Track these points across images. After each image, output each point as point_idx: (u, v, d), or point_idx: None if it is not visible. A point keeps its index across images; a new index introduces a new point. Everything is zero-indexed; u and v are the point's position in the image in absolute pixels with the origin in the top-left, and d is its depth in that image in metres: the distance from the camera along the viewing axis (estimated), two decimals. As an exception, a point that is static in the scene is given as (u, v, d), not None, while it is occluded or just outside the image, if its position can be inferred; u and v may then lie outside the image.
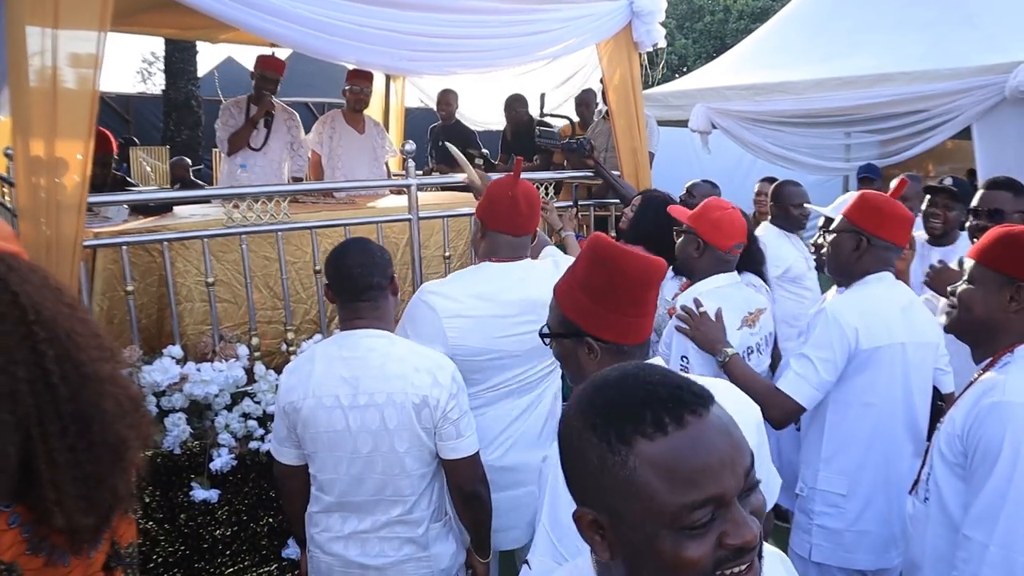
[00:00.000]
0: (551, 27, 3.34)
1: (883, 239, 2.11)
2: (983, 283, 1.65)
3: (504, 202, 2.15)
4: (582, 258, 1.48)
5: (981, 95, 4.70)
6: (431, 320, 2.05)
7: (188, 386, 2.51)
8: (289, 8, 2.65)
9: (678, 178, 5.16)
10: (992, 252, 1.65)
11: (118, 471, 1.17)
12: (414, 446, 1.83)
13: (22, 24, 2.19)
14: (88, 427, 1.12)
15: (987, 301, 1.64)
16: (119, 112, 12.84)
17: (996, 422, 1.50)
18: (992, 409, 1.52)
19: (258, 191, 2.95)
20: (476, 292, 2.09)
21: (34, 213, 2.27)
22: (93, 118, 2.33)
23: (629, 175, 3.79)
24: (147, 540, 2.50)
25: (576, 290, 1.44)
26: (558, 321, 1.47)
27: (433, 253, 3.41)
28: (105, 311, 2.79)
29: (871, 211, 2.12)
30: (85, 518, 1.12)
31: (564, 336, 1.45)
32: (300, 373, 1.89)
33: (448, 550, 1.94)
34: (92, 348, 1.15)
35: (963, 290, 1.70)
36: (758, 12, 17.29)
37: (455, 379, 1.87)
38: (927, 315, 2.19)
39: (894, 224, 2.11)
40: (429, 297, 2.09)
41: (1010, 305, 1.61)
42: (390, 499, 1.86)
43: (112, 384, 1.17)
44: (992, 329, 1.65)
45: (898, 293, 2.17)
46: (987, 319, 1.65)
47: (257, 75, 4.40)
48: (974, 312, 1.66)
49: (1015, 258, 1.61)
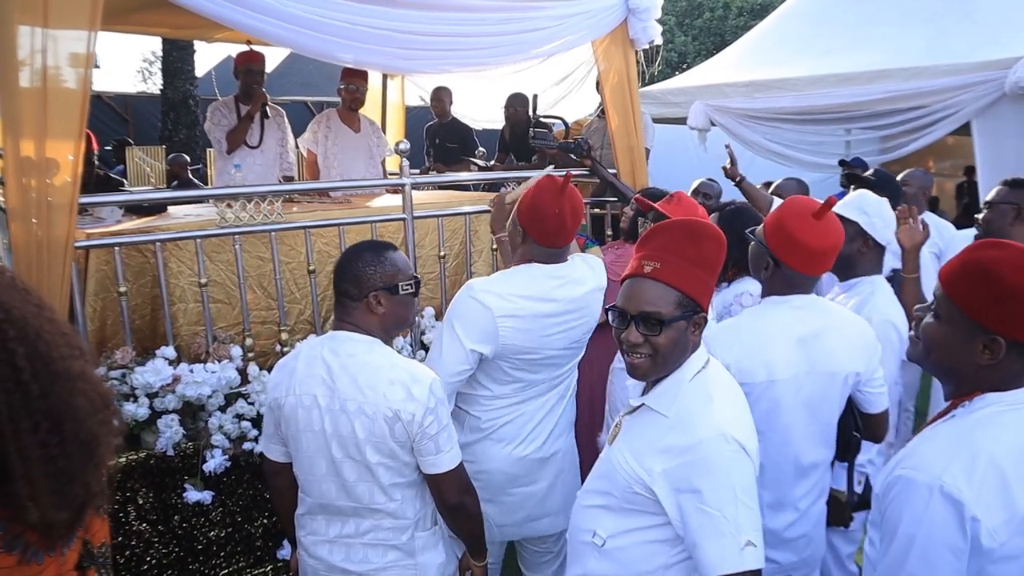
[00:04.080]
0: (546, 24, 3.32)
1: (789, 267, 1.95)
2: (950, 324, 1.34)
3: (551, 217, 2.12)
4: (684, 236, 1.57)
5: (980, 91, 4.67)
6: (485, 319, 2.06)
7: (181, 387, 2.50)
8: (281, 7, 2.63)
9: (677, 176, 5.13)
10: (962, 287, 1.32)
11: (90, 467, 1.19)
12: (387, 458, 1.80)
13: (12, 23, 2.18)
14: (60, 424, 1.14)
15: (952, 348, 1.34)
16: (118, 112, 12.84)
17: (896, 499, 1.30)
18: (896, 483, 1.31)
19: (252, 191, 2.94)
20: (526, 293, 2.11)
21: (25, 214, 2.26)
22: (84, 118, 2.32)
23: (626, 173, 3.77)
24: (141, 542, 2.49)
25: (694, 268, 1.55)
26: (676, 303, 1.54)
27: (428, 253, 3.39)
28: (98, 312, 2.77)
29: (784, 236, 1.93)
30: (59, 513, 1.14)
31: (681, 318, 1.54)
32: (286, 370, 1.89)
33: (436, 559, 1.90)
34: (62, 346, 1.17)
35: (927, 324, 1.40)
36: (758, 8, 17.25)
37: (433, 392, 1.79)
38: (835, 342, 1.96)
39: (802, 256, 1.92)
40: (483, 296, 2.08)
41: (982, 356, 1.30)
42: (367, 507, 1.84)
43: (83, 381, 1.19)
44: (956, 377, 1.38)
45: (800, 320, 1.96)
46: (951, 367, 1.38)
47: (242, 71, 4.38)
48: (937, 355, 1.38)
49: (991, 303, 1.28)
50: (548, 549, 2.45)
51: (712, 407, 1.52)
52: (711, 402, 1.53)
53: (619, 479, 1.57)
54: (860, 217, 2.40)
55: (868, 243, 2.40)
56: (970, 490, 1.21)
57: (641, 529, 1.56)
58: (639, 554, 1.57)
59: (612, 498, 1.60)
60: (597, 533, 1.61)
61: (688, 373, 1.58)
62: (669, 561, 1.55)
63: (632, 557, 1.57)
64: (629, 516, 1.57)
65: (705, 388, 1.56)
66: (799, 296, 1.99)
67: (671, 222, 1.65)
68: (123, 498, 2.45)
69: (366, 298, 1.83)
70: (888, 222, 2.43)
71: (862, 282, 2.41)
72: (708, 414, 1.51)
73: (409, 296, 1.90)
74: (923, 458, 1.30)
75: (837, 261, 2.43)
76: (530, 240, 2.16)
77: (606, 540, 1.59)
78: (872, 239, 2.40)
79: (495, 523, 2.23)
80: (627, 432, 1.64)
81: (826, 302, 2.12)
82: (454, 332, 2.07)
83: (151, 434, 2.49)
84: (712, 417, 1.50)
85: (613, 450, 1.65)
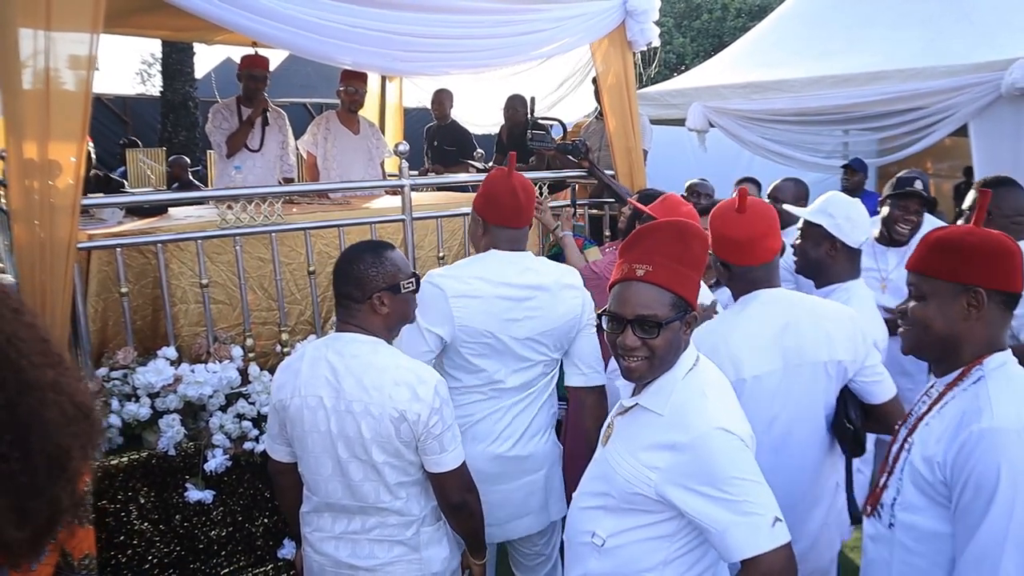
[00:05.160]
0: (544, 27, 3.34)
1: (733, 264, 2.01)
2: (935, 296, 1.49)
3: (504, 196, 2.21)
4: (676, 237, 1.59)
5: (977, 92, 4.69)
6: (438, 299, 2.10)
7: (182, 387, 2.52)
8: (280, 9, 2.65)
9: (675, 177, 5.16)
10: (935, 262, 1.49)
11: (61, 482, 1.10)
12: (393, 458, 1.81)
13: (14, 26, 2.20)
14: (25, 436, 1.06)
15: (944, 315, 1.48)
16: (117, 113, 12.85)
17: (988, 453, 1.33)
18: (981, 437, 1.34)
19: (252, 192, 2.96)
20: (481, 275, 2.15)
21: (27, 215, 2.28)
22: (86, 120, 2.34)
23: (624, 174, 3.79)
24: (142, 541, 2.51)
25: (687, 269, 1.58)
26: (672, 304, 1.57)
27: (428, 254, 3.41)
28: (100, 313, 2.79)
29: (717, 237, 2.01)
30: (18, 531, 1.05)
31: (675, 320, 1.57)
32: (290, 371, 1.91)
33: (441, 554, 1.93)
34: (36, 354, 1.10)
35: (914, 308, 1.53)
36: (756, 10, 17.26)
37: (438, 393, 1.82)
38: (809, 333, 1.97)
39: (735, 249, 1.99)
40: (436, 279, 2.14)
41: (969, 313, 1.45)
42: (373, 505, 1.85)
43: (55, 391, 1.11)
44: (954, 343, 1.49)
45: (770, 315, 1.97)
46: (948, 334, 1.49)
47: (245, 75, 4.41)
48: (934, 329, 1.50)
49: (962, 262, 1.46)
50: (538, 552, 2.46)
51: (706, 403, 1.54)
52: (705, 398, 1.55)
53: (617, 480, 1.59)
54: (824, 219, 2.35)
55: (836, 246, 2.35)
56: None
57: (641, 527, 1.58)
58: (639, 551, 1.58)
59: (610, 499, 1.61)
60: (596, 533, 1.63)
61: (680, 372, 1.60)
62: (669, 557, 1.57)
63: (632, 555, 1.59)
64: (628, 515, 1.59)
65: (698, 385, 1.58)
66: (764, 291, 2.00)
67: (656, 224, 1.66)
68: (125, 497, 2.46)
69: (370, 300, 1.84)
70: (857, 223, 2.36)
71: (838, 289, 2.36)
72: (703, 410, 1.53)
73: (411, 294, 1.92)
74: (995, 410, 1.36)
75: (809, 267, 2.45)
76: (490, 228, 2.23)
77: (606, 540, 1.61)
78: (840, 242, 2.34)
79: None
80: (621, 433, 1.65)
81: (795, 294, 2.11)
82: (417, 319, 2.09)
83: (152, 434, 2.51)
84: (707, 412, 1.52)
85: (608, 451, 1.66)
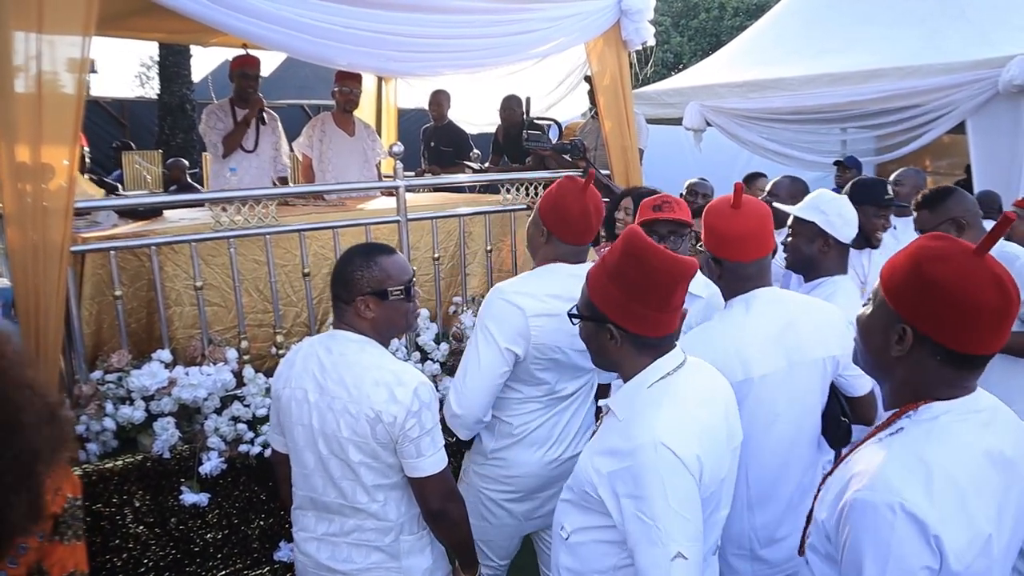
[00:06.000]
0: (539, 26, 3.34)
1: (728, 260, 1.97)
2: (877, 311, 1.30)
3: (576, 214, 2.12)
4: (616, 249, 1.57)
5: (974, 89, 4.70)
6: (518, 319, 2.07)
7: (177, 390, 2.51)
8: (274, 11, 2.65)
9: (672, 176, 5.16)
10: (895, 276, 1.27)
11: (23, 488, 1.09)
12: (370, 459, 1.80)
13: (7, 29, 2.19)
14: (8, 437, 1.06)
15: (875, 336, 1.29)
16: (114, 116, 12.84)
17: (856, 525, 1.18)
18: (852, 508, 1.19)
19: (246, 194, 2.95)
20: (554, 292, 2.11)
21: (21, 218, 2.27)
22: (79, 123, 2.33)
23: (619, 174, 3.79)
24: (138, 544, 2.50)
25: (606, 279, 1.56)
26: (585, 304, 1.61)
27: (423, 255, 3.40)
28: (94, 315, 2.78)
29: (710, 233, 1.97)
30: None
31: (589, 319, 1.59)
32: (288, 362, 1.94)
33: (422, 564, 1.88)
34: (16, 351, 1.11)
35: (860, 314, 1.35)
36: (753, 9, 17.27)
37: (418, 396, 1.77)
38: (807, 330, 1.96)
39: (732, 245, 1.94)
40: (513, 297, 2.10)
41: (895, 348, 1.25)
42: (351, 505, 1.84)
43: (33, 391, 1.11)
44: (882, 372, 1.32)
45: (769, 315, 1.95)
46: (877, 359, 1.31)
47: (237, 75, 4.40)
48: (867, 345, 1.33)
49: (907, 288, 1.24)
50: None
51: (657, 414, 1.49)
52: (658, 409, 1.50)
53: (579, 476, 1.59)
54: (817, 216, 2.36)
55: (829, 242, 2.36)
56: (932, 509, 1.13)
57: (595, 528, 1.57)
58: (594, 552, 1.58)
59: (574, 494, 1.62)
60: (564, 527, 1.63)
61: (649, 379, 1.56)
62: (619, 563, 1.54)
63: (589, 554, 1.59)
64: (585, 514, 1.59)
65: (660, 395, 1.53)
66: (763, 290, 1.99)
67: (624, 233, 1.62)
68: (120, 501, 2.46)
69: (354, 302, 1.84)
70: (848, 220, 2.37)
71: (824, 283, 2.37)
72: (649, 421, 1.48)
73: (399, 301, 1.88)
74: (877, 476, 1.18)
75: (800, 262, 2.45)
76: (555, 239, 2.17)
77: (570, 535, 1.61)
78: (832, 238, 2.35)
79: (523, 517, 2.25)
80: (599, 431, 1.66)
81: (787, 293, 2.10)
82: (488, 333, 2.07)
83: (147, 437, 2.50)
84: (652, 424, 1.48)
85: (585, 447, 1.67)
